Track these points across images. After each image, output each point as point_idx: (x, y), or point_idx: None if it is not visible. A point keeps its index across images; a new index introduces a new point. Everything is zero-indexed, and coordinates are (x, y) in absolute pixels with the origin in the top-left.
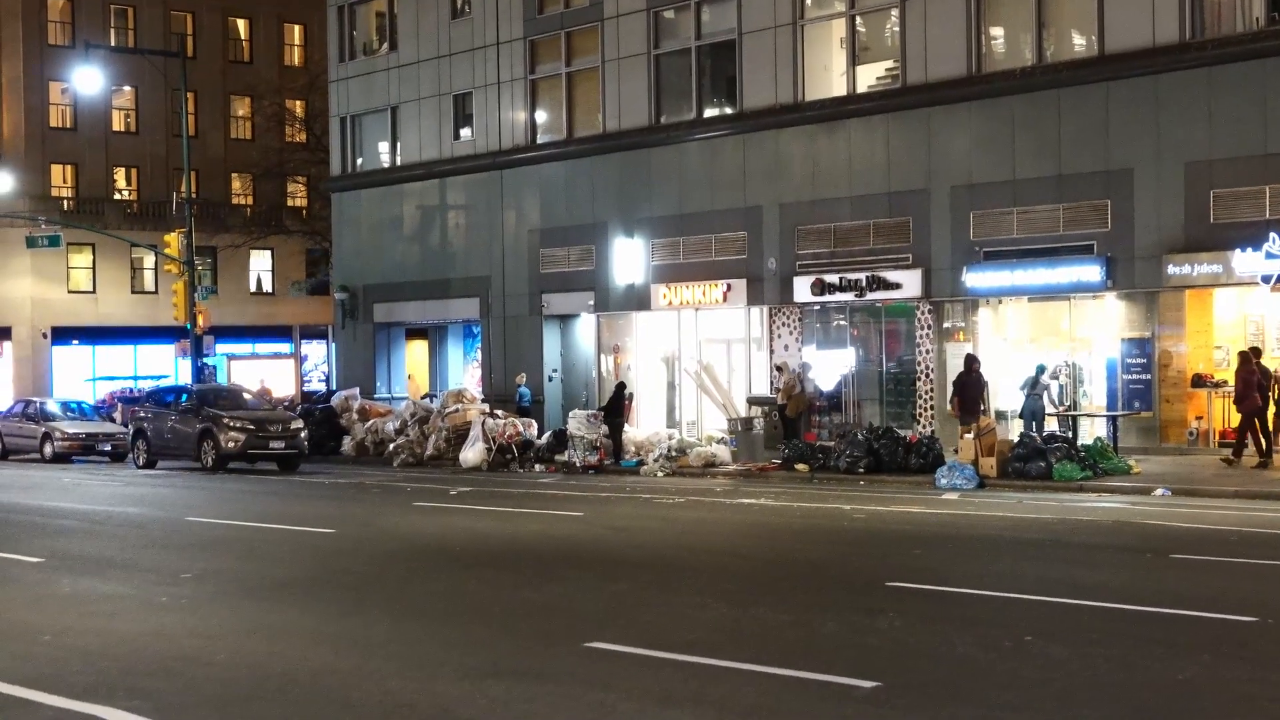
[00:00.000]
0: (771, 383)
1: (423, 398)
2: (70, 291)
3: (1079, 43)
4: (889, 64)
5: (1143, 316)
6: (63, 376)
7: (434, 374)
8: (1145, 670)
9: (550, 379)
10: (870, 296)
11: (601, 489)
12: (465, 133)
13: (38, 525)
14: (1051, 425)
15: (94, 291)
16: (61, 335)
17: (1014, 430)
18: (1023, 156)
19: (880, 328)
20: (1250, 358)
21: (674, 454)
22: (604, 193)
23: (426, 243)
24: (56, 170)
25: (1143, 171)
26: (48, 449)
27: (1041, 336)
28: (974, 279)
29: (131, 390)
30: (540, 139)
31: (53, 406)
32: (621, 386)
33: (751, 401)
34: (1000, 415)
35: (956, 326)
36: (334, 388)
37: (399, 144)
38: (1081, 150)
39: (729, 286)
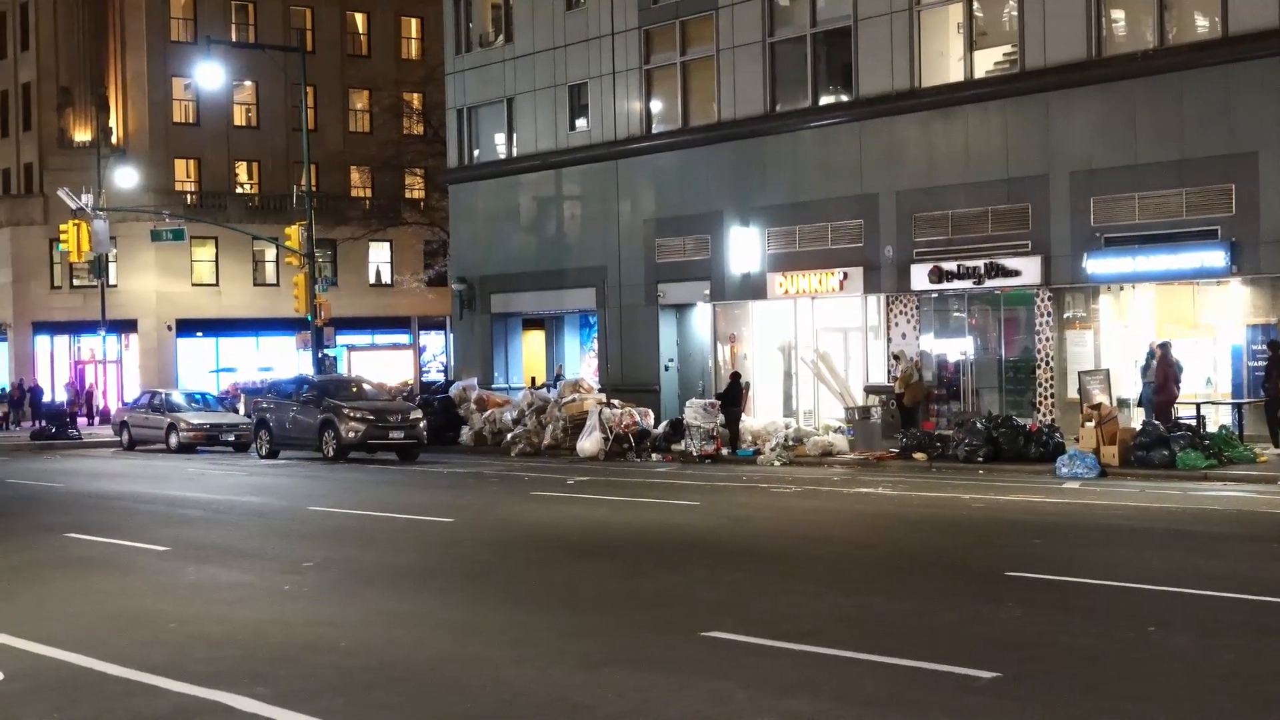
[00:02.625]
0: (889, 371)
1: (539, 388)
2: (194, 285)
3: (1201, 24)
4: (1007, 48)
5: (1268, 302)
6: (187, 368)
7: (550, 364)
8: (1273, 661)
9: (666, 368)
10: (988, 284)
11: (718, 478)
12: (580, 123)
13: (163, 515)
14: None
15: (217, 284)
16: (186, 327)
17: (1135, 419)
18: (1144, 141)
19: (999, 315)
20: None
21: (791, 443)
22: (719, 182)
23: (542, 233)
24: (180, 165)
25: (1268, 155)
26: (173, 439)
27: (1165, 323)
28: (1095, 265)
29: (258, 382)
30: (655, 128)
31: (177, 398)
32: (736, 376)
33: (869, 390)
34: (1122, 403)
35: (1077, 316)
36: (452, 378)
37: (515, 135)
38: (1204, 134)
39: (845, 275)
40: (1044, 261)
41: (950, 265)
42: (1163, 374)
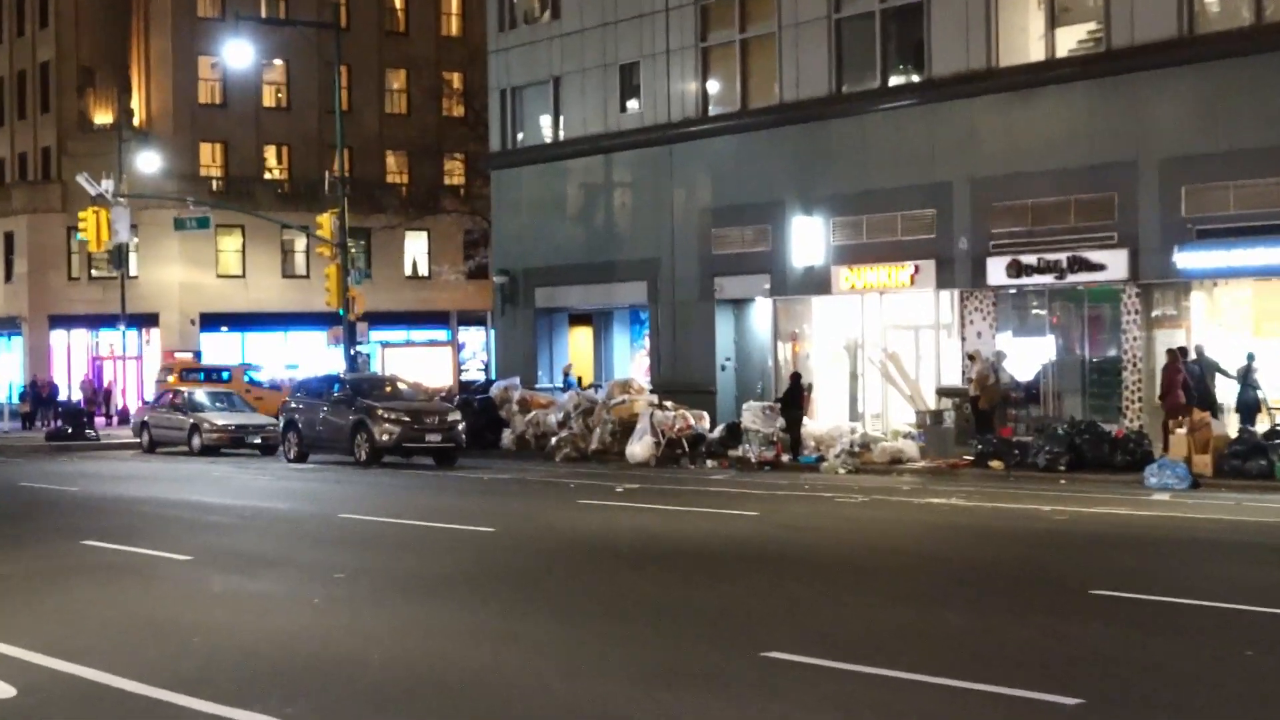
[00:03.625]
0: (963, 372)
1: (587, 388)
2: (219, 276)
3: None
4: (1091, 26)
5: None
6: (212, 364)
7: (599, 363)
8: None
9: (723, 368)
10: (1071, 279)
11: (778, 486)
12: (632, 105)
13: (187, 521)
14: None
15: (243, 276)
16: (210, 321)
17: (1231, 425)
18: (1241, 125)
19: (1082, 313)
20: None
21: (856, 449)
22: (780, 168)
23: (591, 223)
24: (205, 149)
25: None
26: (196, 441)
27: (1263, 322)
28: (1186, 259)
29: (283, 381)
30: (712, 111)
31: (201, 396)
32: (797, 377)
33: (941, 393)
34: (1217, 409)
35: (1166, 314)
36: (493, 377)
37: (562, 118)
38: None
39: (916, 268)
40: (1131, 255)
41: (1029, 259)
42: (1168, 380)
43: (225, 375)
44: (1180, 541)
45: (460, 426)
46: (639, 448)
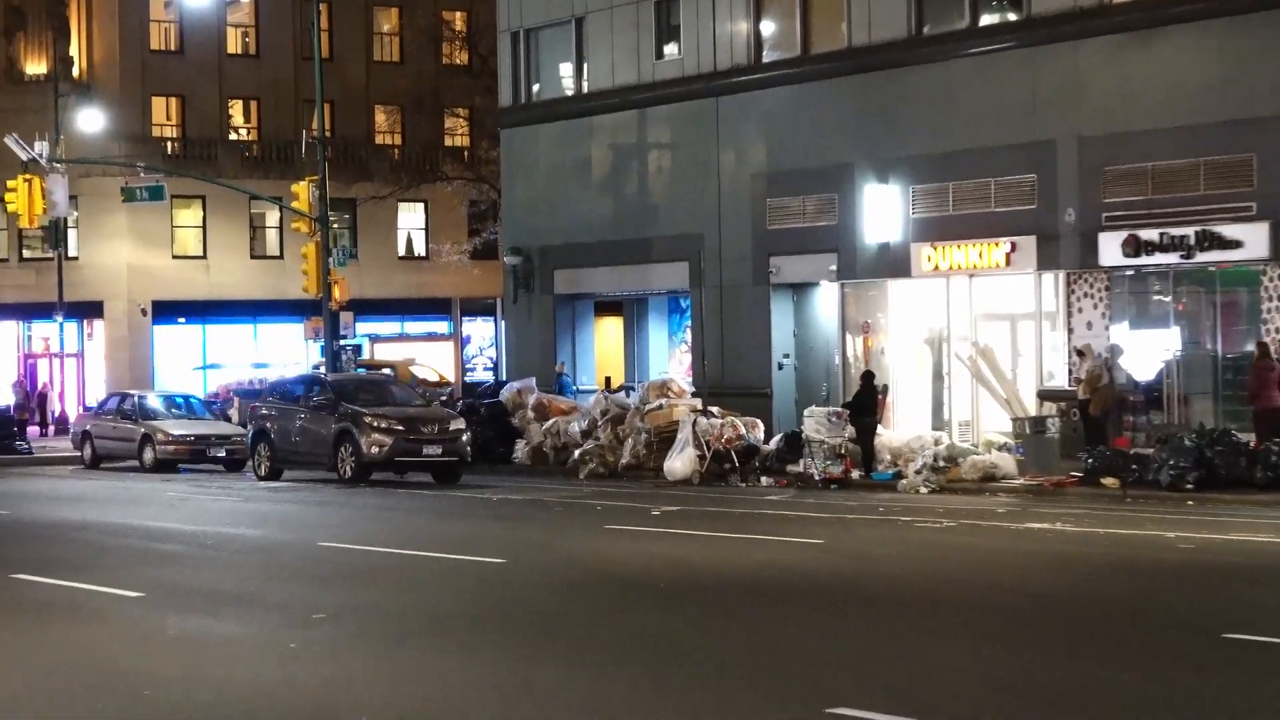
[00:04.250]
0: (1070, 371)
1: (616, 390)
2: (175, 257)
3: None
4: None
5: None
6: (167, 363)
7: (631, 360)
8: None
9: (780, 366)
10: (1200, 258)
11: (846, 509)
12: (670, 50)
13: (138, 551)
14: None
15: (204, 257)
16: (164, 311)
17: None
18: None
19: (1213, 299)
20: None
21: (941, 464)
22: (849, 125)
23: (621, 192)
24: (158, 105)
25: None
26: (148, 455)
27: None
28: None
29: (251, 382)
30: (766, 57)
31: (154, 402)
32: (870, 376)
33: (1043, 396)
34: None
35: None
36: (504, 378)
37: (586, 66)
38: None
39: (1013, 245)
40: (1273, 229)
41: (1150, 234)
42: (1256, 378)
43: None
44: None
45: (465, 437)
46: (679, 462)
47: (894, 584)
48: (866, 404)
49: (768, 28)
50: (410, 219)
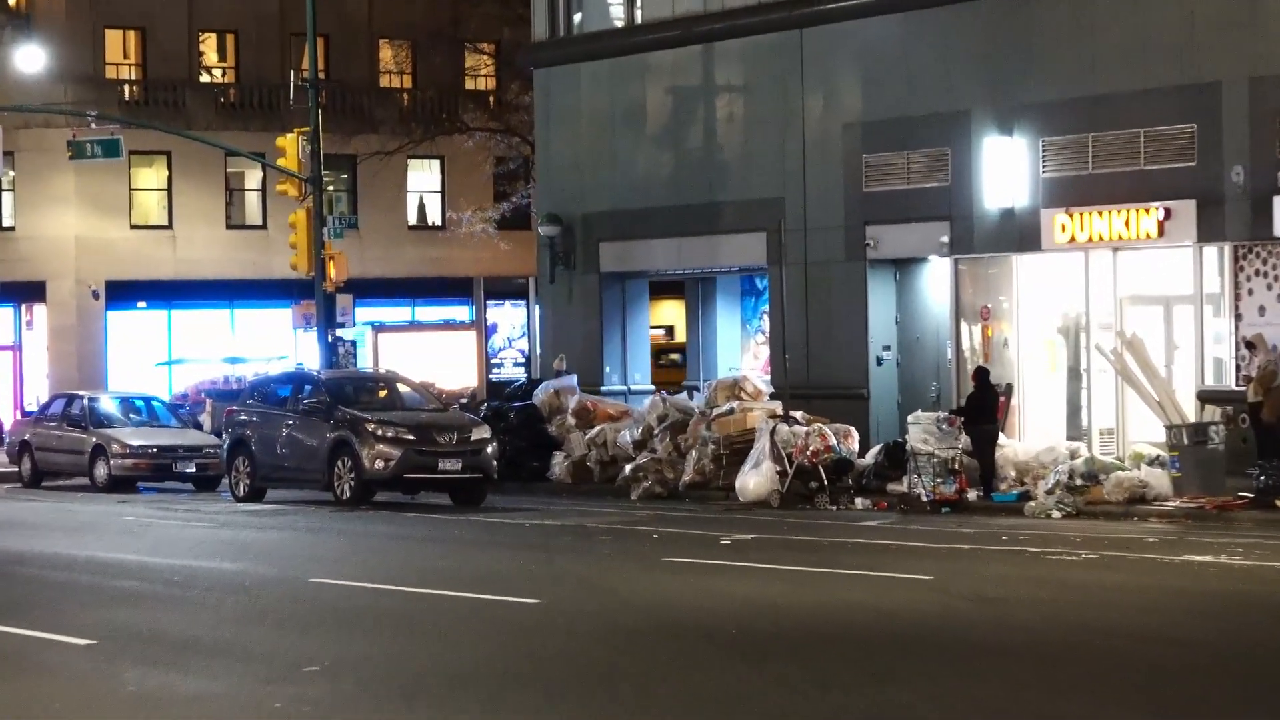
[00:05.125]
0: (1238, 368)
1: (678, 391)
2: (134, 227)
3: None
4: None
5: None
6: (123, 357)
7: (695, 353)
8: None
9: (879, 361)
10: None
11: (961, 537)
12: None
13: (89, 588)
14: None
15: (169, 227)
16: (121, 293)
17: None
18: None
19: None
20: None
21: (1078, 482)
22: (964, 64)
23: (682, 146)
24: (112, 40)
25: None
26: (100, 470)
27: None
28: None
29: (227, 380)
30: None
31: (108, 405)
32: (984, 374)
33: (1204, 398)
34: None
35: None
36: (538, 375)
37: None
38: None
39: (1167, 212)
40: None
41: None
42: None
43: None
44: None
45: (490, 449)
46: (754, 480)
47: (1021, 632)
48: (985, 408)
49: None
50: (423, 180)
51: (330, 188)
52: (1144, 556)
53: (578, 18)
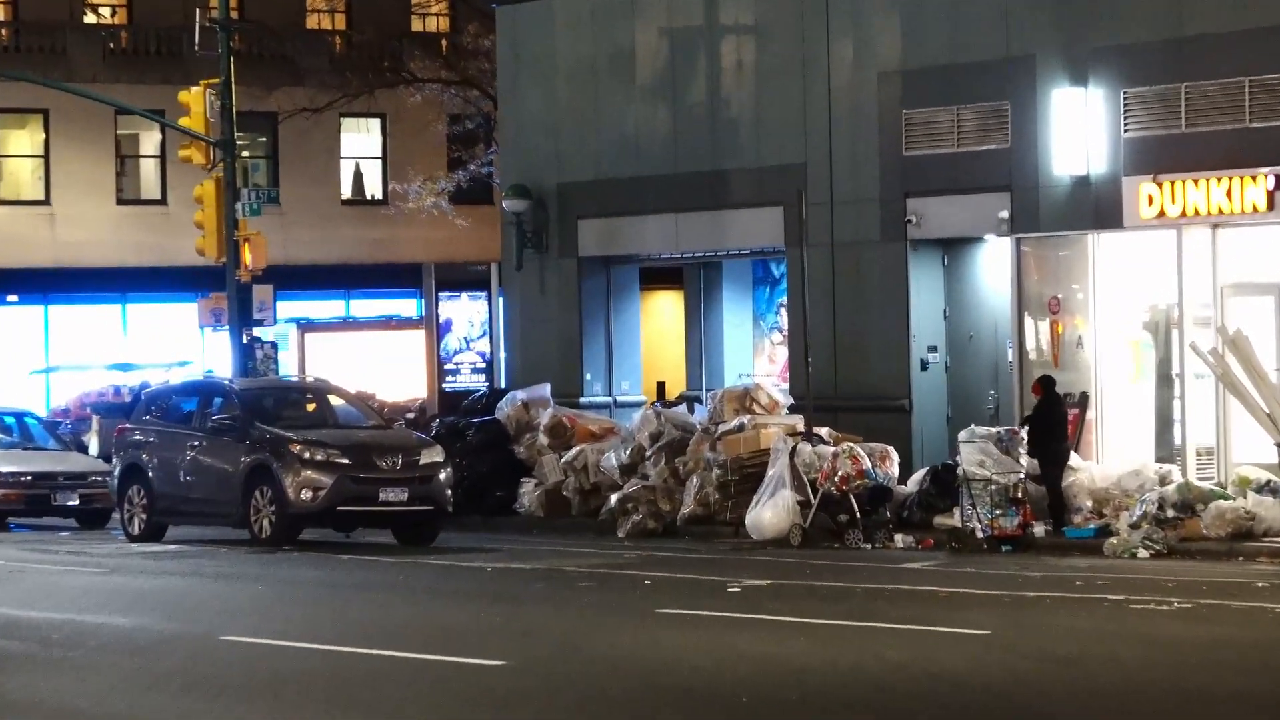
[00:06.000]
0: None
1: (674, 402)
2: (2, 202)
3: None
4: None
5: None
6: None
7: (697, 357)
8: None
9: (924, 365)
10: None
11: (1026, 582)
12: None
13: None
14: None
15: (47, 202)
16: None
17: None
18: None
19: None
20: None
21: (1169, 513)
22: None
23: (681, 101)
24: None
25: None
26: None
27: None
28: None
29: (118, 391)
30: None
31: None
32: (1050, 383)
33: None
34: None
35: None
36: (503, 384)
37: None
38: None
39: (1277, 180)
40: None
41: None
42: None
43: None
44: None
45: (443, 475)
46: (770, 512)
47: (1101, 699)
48: (1053, 423)
49: None
50: (360, 143)
51: (245, 153)
52: (1252, 605)
53: None
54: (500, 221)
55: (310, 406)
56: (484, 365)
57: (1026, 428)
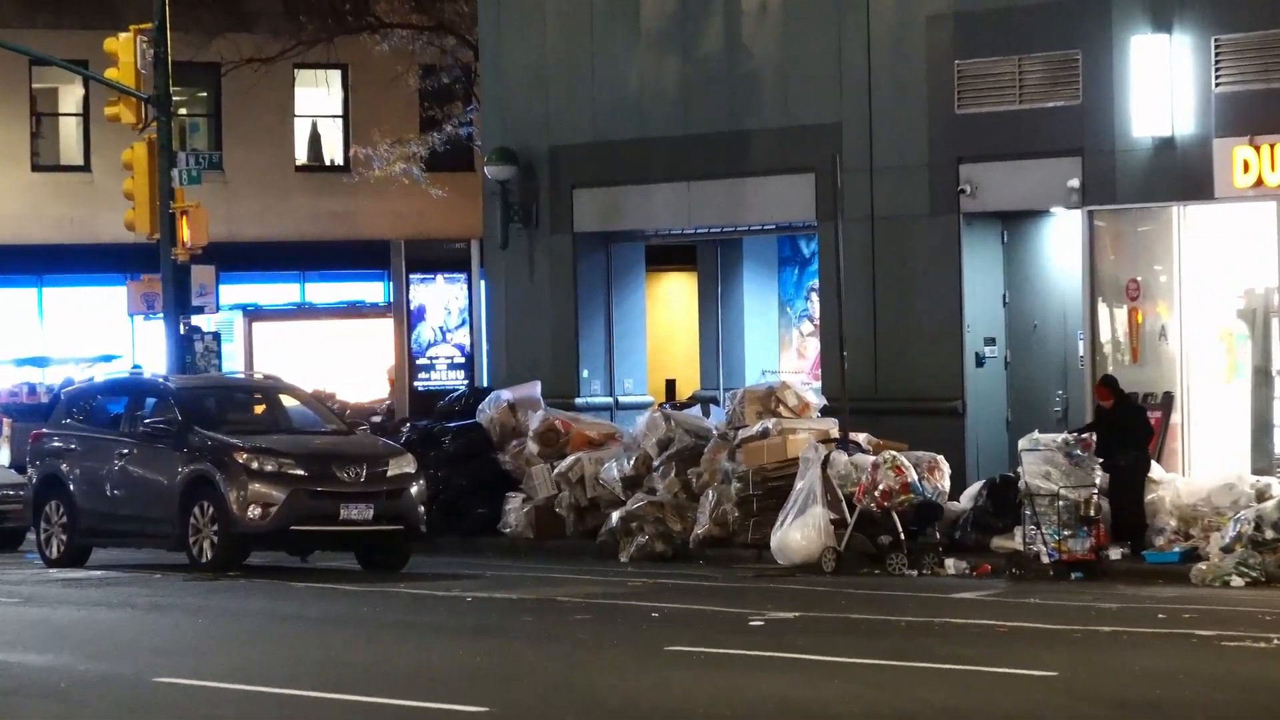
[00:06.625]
0: None
1: (687, 404)
2: None
3: None
4: None
5: None
6: None
7: (713, 349)
8: None
9: (980, 361)
10: None
11: (1099, 614)
12: None
13: None
14: None
15: None
16: None
17: None
18: None
19: None
20: None
21: (1268, 534)
22: None
23: (694, 51)
24: None
25: None
26: None
27: None
28: None
29: (33, 390)
30: None
31: None
32: (1113, 385)
33: None
34: None
35: None
36: (485, 382)
37: None
38: None
39: None
40: None
41: None
42: None
43: None
44: None
45: (415, 489)
46: (799, 533)
47: None
48: (1128, 429)
49: None
50: (317, 101)
51: (183, 111)
52: None
53: None
54: (482, 192)
55: (259, 409)
56: (463, 360)
57: (1093, 435)
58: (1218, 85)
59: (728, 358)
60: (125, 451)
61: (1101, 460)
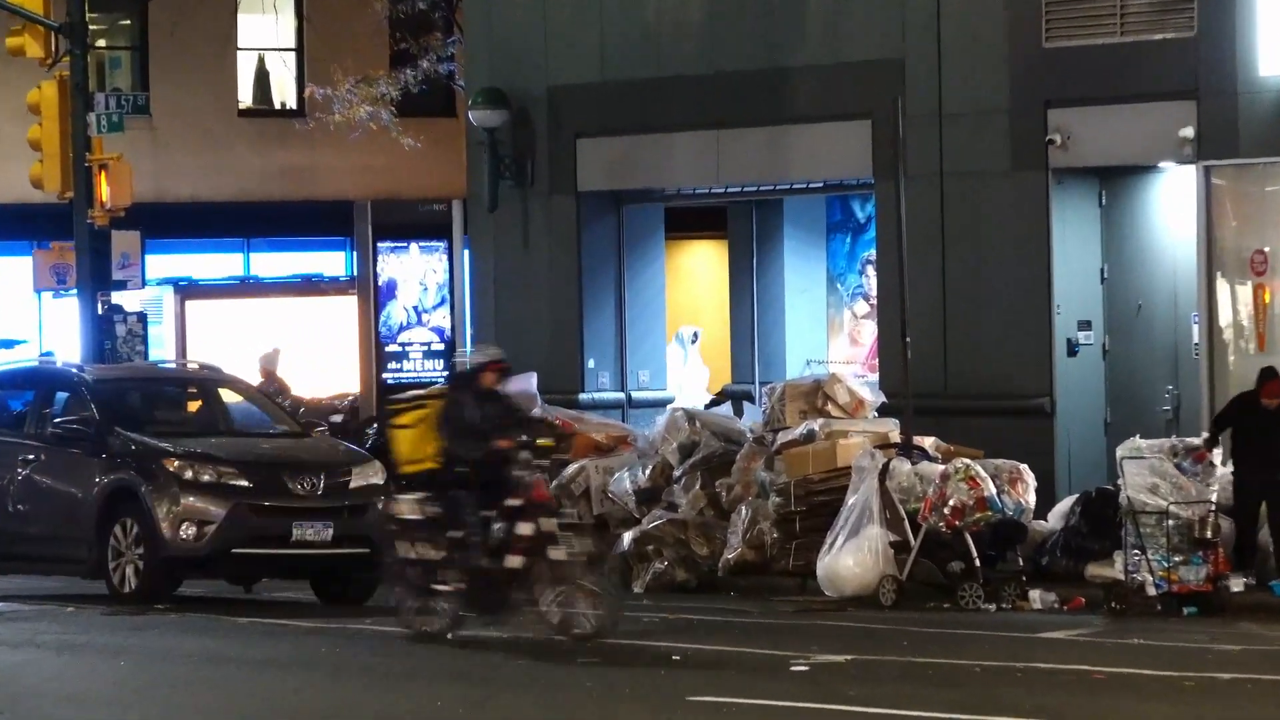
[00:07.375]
0: None
1: (712, 402)
2: None
3: None
4: None
5: None
6: None
7: (747, 334)
8: None
9: (1072, 348)
10: None
11: (1217, 658)
12: None
13: None
14: None
15: None
16: None
17: None
18: None
19: None
20: None
21: None
22: None
23: None
24: None
25: None
26: None
27: None
28: None
29: None
30: None
31: None
32: (1273, 374)
33: None
34: None
35: None
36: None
37: None
38: None
39: None
40: None
41: None
42: None
43: None
44: None
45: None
46: (851, 558)
47: None
48: (1257, 432)
49: None
50: (264, 30)
51: (102, 43)
52: None
53: None
54: (466, 142)
55: (194, 406)
56: (442, 347)
57: (1210, 435)
58: None
59: (764, 344)
60: (31, 458)
61: (1235, 471)
